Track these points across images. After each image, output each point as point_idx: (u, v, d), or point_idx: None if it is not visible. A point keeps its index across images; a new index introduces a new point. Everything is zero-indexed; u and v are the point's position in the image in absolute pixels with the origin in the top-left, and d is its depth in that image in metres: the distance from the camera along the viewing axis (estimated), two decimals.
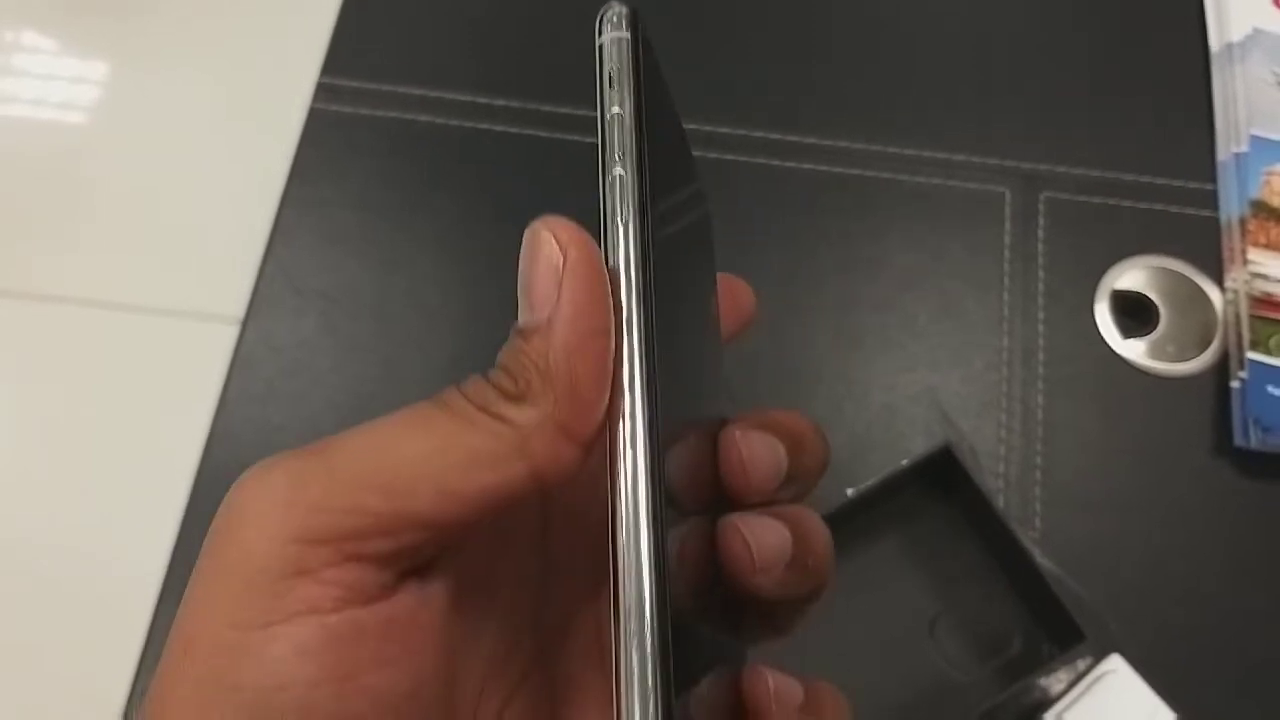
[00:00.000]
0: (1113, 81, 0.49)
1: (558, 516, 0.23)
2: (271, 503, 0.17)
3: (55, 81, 1.10)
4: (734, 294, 0.24)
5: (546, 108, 0.48)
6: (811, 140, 0.47)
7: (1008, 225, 0.46)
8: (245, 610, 0.16)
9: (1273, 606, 0.40)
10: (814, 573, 0.21)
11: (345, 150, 0.47)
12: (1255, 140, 0.46)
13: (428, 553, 0.18)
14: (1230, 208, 0.45)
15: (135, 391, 0.95)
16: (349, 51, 0.49)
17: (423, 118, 0.47)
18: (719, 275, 0.24)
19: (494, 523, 0.19)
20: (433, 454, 0.17)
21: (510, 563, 0.22)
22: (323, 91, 0.48)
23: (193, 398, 0.60)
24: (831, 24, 0.50)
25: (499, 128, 0.47)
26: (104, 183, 1.05)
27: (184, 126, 1.06)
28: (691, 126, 0.47)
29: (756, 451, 0.21)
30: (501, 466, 0.17)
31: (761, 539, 0.20)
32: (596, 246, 0.19)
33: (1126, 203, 0.46)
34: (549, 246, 0.19)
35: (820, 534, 0.21)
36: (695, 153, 0.47)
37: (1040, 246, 0.46)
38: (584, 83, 0.53)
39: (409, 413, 0.18)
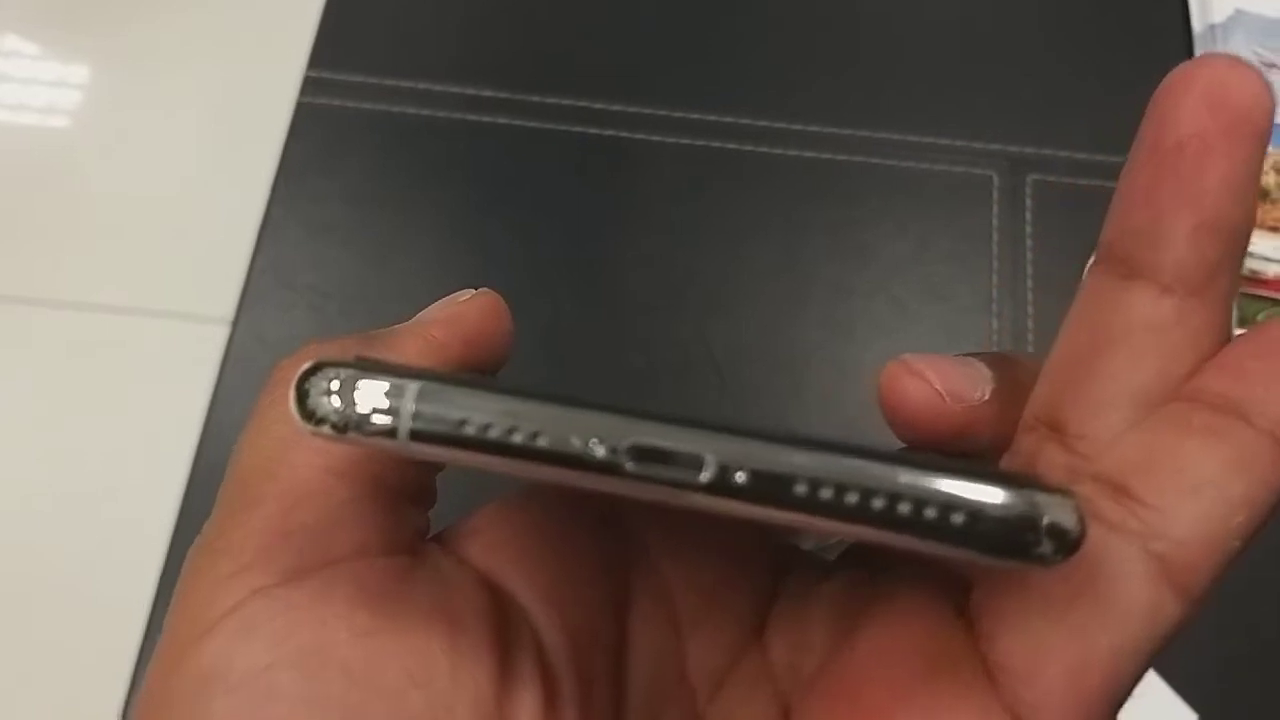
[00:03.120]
0: (1097, 64, 0.50)
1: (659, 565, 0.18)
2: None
3: (37, 84, 1.10)
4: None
5: (535, 98, 0.48)
6: (799, 127, 0.48)
7: (995, 209, 0.46)
8: (186, 629, 0.14)
9: None
10: None
11: (333, 144, 0.47)
12: None
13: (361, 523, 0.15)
14: None
15: (127, 393, 0.95)
16: (335, 45, 0.49)
17: (411, 110, 0.47)
18: None
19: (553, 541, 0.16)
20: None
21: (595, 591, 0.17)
22: (309, 85, 0.48)
23: (185, 397, 0.59)
24: (818, 10, 0.50)
25: (487, 119, 0.47)
26: (89, 184, 1.05)
27: (169, 125, 1.05)
28: (679, 114, 0.47)
29: (940, 363, 0.15)
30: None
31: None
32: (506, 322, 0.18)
33: (1113, 184, 0.46)
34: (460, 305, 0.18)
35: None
36: (684, 140, 0.47)
37: (1028, 229, 0.46)
38: (572, 72, 0.53)
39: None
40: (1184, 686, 0.36)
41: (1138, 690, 0.36)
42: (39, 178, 1.05)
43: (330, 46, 0.49)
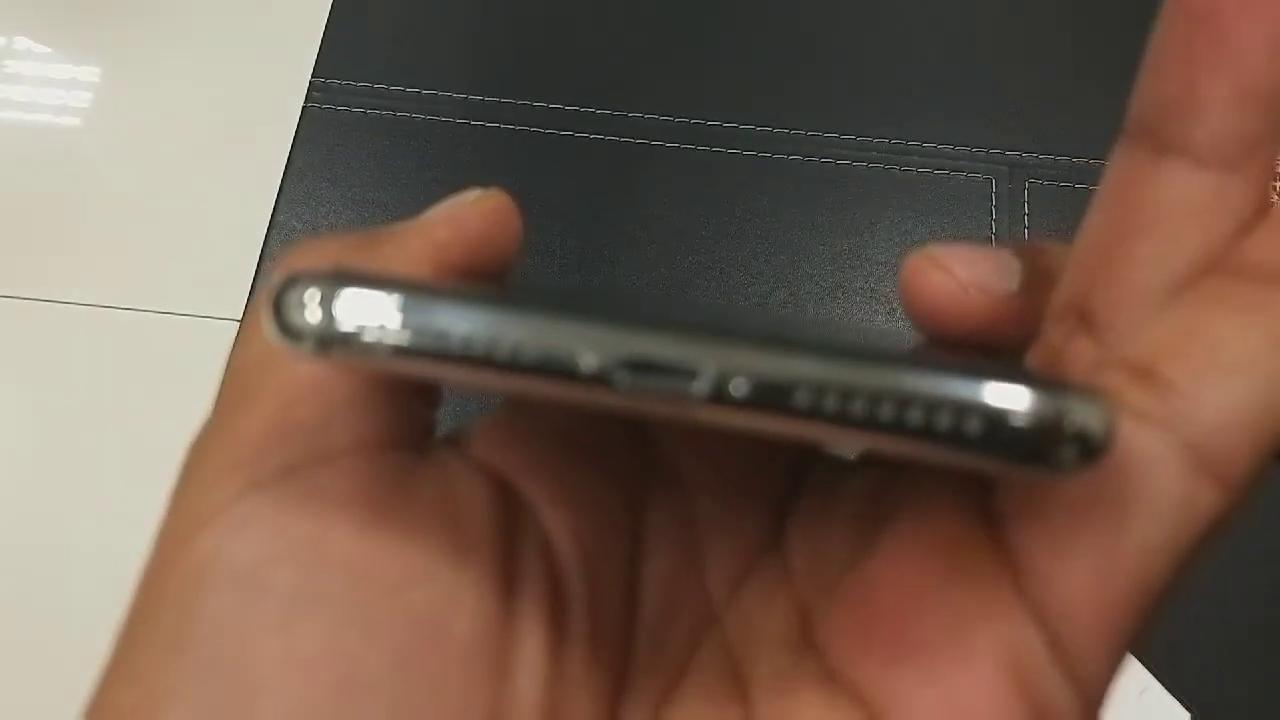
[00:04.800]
0: (1095, 67, 0.50)
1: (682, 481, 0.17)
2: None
3: (47, 86, 1.10)
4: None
5: (537, 103, 0.48)
6: (798, 132, 0.48)
7: (994, 213, 0.47)
8: (180, 525, 0.14)
9: None
10: None
11: (340, 148, 0.47)
12: None
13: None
14: None
15: (135, 393, 0.95)
16: (341, 50, 0.49)
17: (416, 115, 0.48)
18: None
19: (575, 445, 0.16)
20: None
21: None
22: (316, 90, 0.49)
23: (194, 396, 0.60)
24: (815, 15, 0.51)
25: (490, 123, 0.48)
26: (99, 185, 1.05)
27: (178, 128, 1.06)
28: (679, 120, 0.48)
29: (966, 253, 0.14)
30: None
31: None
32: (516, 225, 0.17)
33: None
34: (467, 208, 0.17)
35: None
36: (685, 145, 0.47)
37: (1026, 233, 0.46)
38: (574, 78, 0.53)
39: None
40: (1179, 686, 0.36)
41: (1134, 688, 0.36)
42: (48, 178, 1.05)
43: (336, 52, 0.49)
